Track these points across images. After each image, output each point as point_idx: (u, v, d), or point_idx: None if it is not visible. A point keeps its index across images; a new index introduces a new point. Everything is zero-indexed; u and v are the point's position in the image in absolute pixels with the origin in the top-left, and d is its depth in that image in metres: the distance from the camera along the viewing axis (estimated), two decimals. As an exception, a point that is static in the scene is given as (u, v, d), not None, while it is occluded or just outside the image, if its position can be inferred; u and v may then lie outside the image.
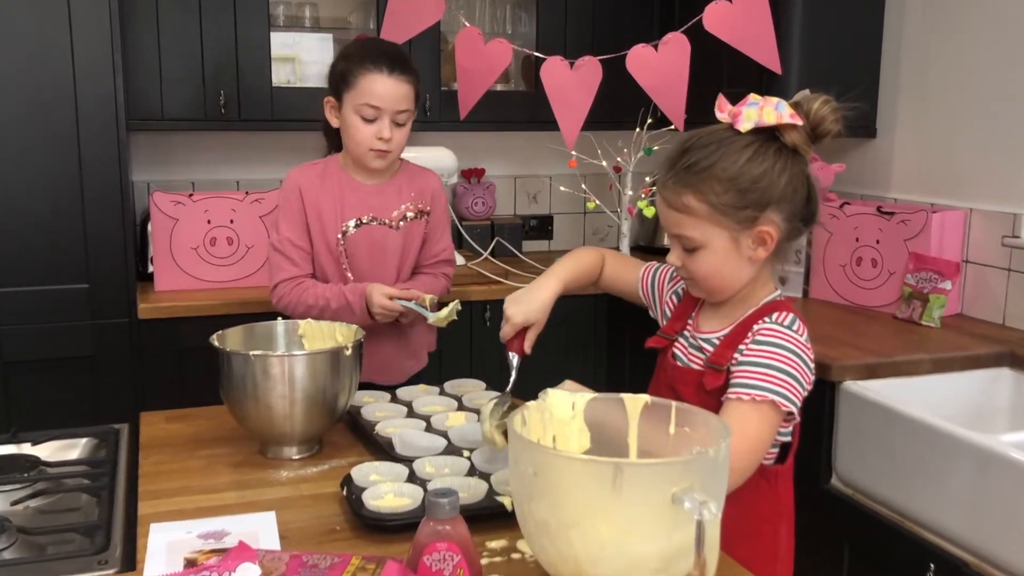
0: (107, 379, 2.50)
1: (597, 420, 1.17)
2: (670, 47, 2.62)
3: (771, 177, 1.25)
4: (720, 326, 1.37)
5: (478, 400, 1.72)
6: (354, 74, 1.88)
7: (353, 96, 1.89)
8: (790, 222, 1.30)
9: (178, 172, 3.05)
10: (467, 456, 1.44)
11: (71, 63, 2.31)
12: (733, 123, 1.28)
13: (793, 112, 1.26)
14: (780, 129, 1.26)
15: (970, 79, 2.49)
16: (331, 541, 1.22)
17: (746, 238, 1.29)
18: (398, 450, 1.49)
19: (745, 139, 1.27)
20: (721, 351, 1.33)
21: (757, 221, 1.27)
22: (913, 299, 2.37)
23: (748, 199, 1.26)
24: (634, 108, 2.91)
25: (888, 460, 1.87)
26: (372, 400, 1.77)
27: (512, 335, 1.50)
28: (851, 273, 2.53)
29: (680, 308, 1.48)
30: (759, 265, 1.33)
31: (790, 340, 1.28)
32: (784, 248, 1.34)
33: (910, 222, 2.40)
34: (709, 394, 1.32)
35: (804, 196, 1.30)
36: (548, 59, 2.70)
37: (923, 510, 1.78)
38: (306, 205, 1.97)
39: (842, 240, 2.54)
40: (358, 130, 1.90)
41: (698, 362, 1.38)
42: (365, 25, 3.17)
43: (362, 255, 2.00)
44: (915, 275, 2.38)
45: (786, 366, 1.26)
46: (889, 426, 1.86)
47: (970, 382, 2.10)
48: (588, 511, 0.96)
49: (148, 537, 1.20)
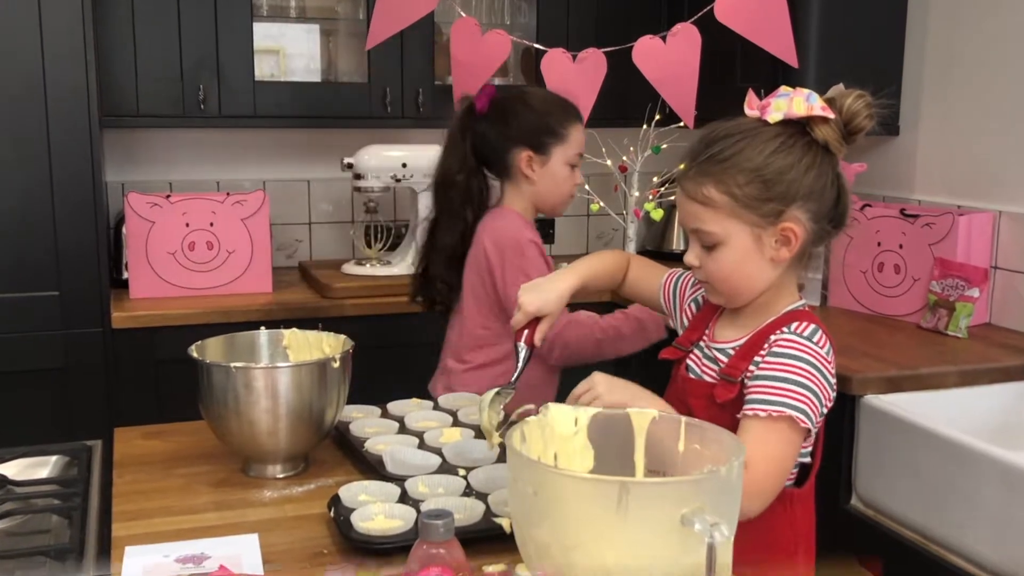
0: (79, 392, 2.49)
1: (601, 436, 1.16)
2: (679, 39, 2.59)
3: (798, 171, 1.25)
4: (736, 335, 1.37)
5: (473, 415, 1.72)
6: (566, 128, 2.09)
7: (565, 148, 2.09)
8: (817, 223, 1.30)
9: (154, 172, 3.06)
10: (463, 475, 1.45)
11: (40, 54, 2.30)
12: (761, 115, 1.28)
13: (825, 106, 1.26)
14: (811, 122, 1.26)
15: (999, 73, 2.48)
16: (318, 565, 1.21)
17: (769, 236, 1.28)
18: (389, 468, 1.49)
19: (773, 130, 1.27)
20: (735, 362, 1.33)
21: (781, 217, 1.27)
22: (938, 307, 2.37)
23: (773, 192, 1.26)
24: (641, 104, 2.90)
25: (912, 479, 1.86)
26: (361, 415, 1.77)
27: (523, 324, 1.51)
28: (873, 280, 2.54)
29: (698, 317, 1.48)
30: (781, 268, 1.32)
31: (810, 352, 1.27)
32: (809, 253, 1.34)
33: (935, 225, 2.39)
34: (721, 408, 1.32)
35: (833, 197, 1.30)
36: (549, 51, 2.68)
37: (949, 532, 1.77)
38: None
39: (863, 244, 2.53)
40: (567, 179, 2.11)
41: (711, 374, 1.38)
42: (354, 15, 3.19)
43: None
44: (941, 282, 2.37)
45: (805, 379, 1.25)
46: (913, 443, 1.86)
47: (999, 396, 2.10)
48: (592, 533, 0.95)
49: (123, 561, 1.19)
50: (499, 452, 1.49)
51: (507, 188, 2.15)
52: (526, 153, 2.08)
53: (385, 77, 3.05)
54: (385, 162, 3.01)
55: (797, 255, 1.31)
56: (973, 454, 1.70)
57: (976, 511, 1.70)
